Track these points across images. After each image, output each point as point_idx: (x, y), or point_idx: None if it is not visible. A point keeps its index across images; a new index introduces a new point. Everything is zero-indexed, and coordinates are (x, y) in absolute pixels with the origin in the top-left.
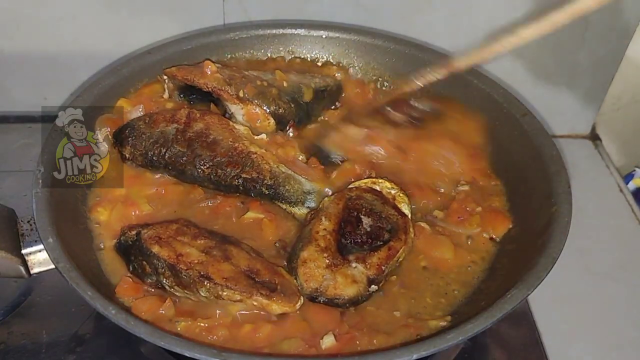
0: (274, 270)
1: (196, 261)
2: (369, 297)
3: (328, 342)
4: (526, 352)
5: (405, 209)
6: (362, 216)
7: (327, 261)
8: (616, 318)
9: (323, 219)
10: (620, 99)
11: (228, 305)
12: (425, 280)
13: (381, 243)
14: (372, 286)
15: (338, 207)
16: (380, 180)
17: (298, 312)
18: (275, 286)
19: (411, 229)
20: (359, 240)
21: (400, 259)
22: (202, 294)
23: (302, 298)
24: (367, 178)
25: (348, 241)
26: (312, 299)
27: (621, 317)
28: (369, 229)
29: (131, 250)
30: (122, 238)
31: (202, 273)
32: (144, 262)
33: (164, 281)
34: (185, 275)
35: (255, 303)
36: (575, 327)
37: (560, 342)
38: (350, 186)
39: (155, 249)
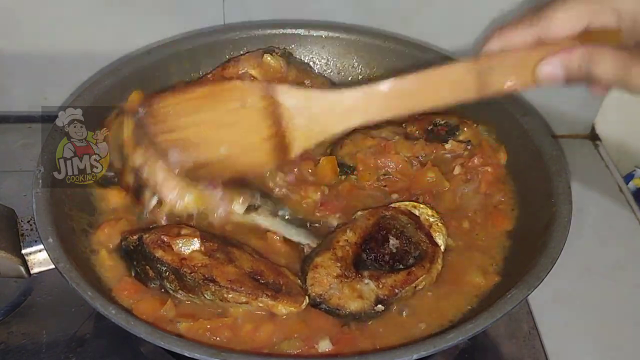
0: (278, 271)
1: (200, 264)
2: (374, 316)
3: (324, 346)
4: (526, 352)
5: (439, 239)
6: (390, 236)
7: (339, 271)
8: (616, 318)
9: (348, 230)
10: (620, 99)
11: (232, 307)
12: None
13: (403, 267)
14: (379, 305)
15: (368, 222)
16: (421, 206)
17: (300, 312)
18: (281, 287)
19: (439, 261)
20: (380, 259)
21: (419, 287)
22: (207, 297)
23: (307, 298)
24: (409, 201)
25: (369, 257)
26: (315, 304)
27: (621, 317)
28: (394, 250)
29: (133, 255)
30: (123, 243)
31: (206, 276)
32: (147, 267)
33: (168, 285)
34: (189, 279)
35: (261, 304)
36: (575, 327)
37: (560, 342)
38: (391, 205)
39: (159, 253)
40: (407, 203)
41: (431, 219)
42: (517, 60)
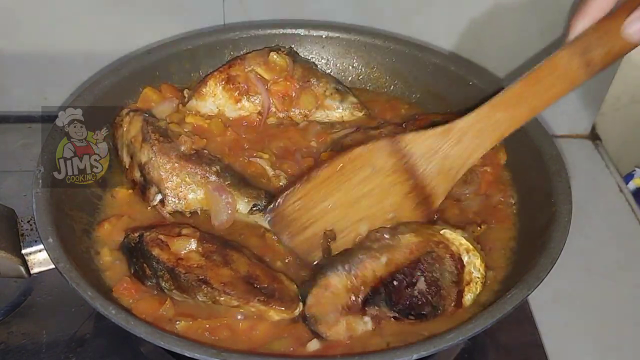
0: (274, 276)
1: (195, 265)
2: None
3: (313, 346)
4: (526, 352)
5: (468, 298)
6: (421, 281)
7: (346, 303)
8: (616, 318)
9: (383, 258)
10: (620, 99)
11: (226, 310)
12: None
13: (412, 316)
14: None
15: (409, 257)
16: (475, 253)
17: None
18: (274, 292)
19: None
20: (395, 300)
21: None
22: (200, 299)
23: (300, 305)
24: (470, 241)
25: (385, 293)
26: (303, 318)
27: (621, 317)
28: (415, 294)
29: (134, 252)
30: (125, 240)
31: (200, 277)
32: (145, 265)
33: (163, 284)
34: (183, 279)
35: (252, 309)
36: (575, 327)
37: (560, 342)
38: (448, 234)
39: (156, 251)
40: (462, 241)
41: (474, 274)
42: (606, 29)
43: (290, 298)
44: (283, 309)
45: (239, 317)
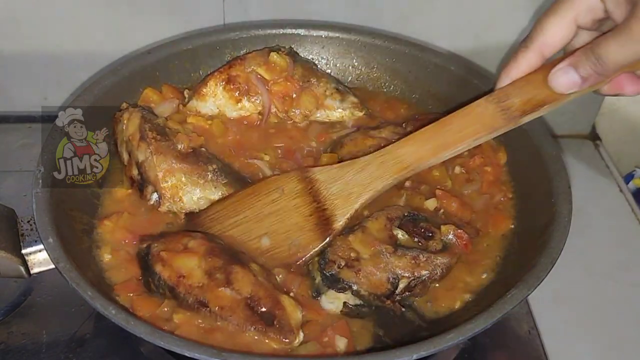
0: (277, 300)
1: (196, 285)
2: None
3: (341, 344)
4: (526, 352)
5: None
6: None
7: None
8: (616, 318)
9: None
10: (620, 99)
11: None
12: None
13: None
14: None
15: None
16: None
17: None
18: (273, 319)
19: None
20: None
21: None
22: (199, 320)
23: (300, 335)
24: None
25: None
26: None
27: (621, 317)
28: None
29: (142, 264)
30: (138, 250)
31: (199, 299)
32: (149, 279)
33: (166, 301)
34: (183, 299)
35: (248, 335)
36: (575, 327)
37: (560, 342)
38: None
39: (158, 268)
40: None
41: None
42: (529, 81)
43: (290, 328)
44: (280, 339)
45: None
